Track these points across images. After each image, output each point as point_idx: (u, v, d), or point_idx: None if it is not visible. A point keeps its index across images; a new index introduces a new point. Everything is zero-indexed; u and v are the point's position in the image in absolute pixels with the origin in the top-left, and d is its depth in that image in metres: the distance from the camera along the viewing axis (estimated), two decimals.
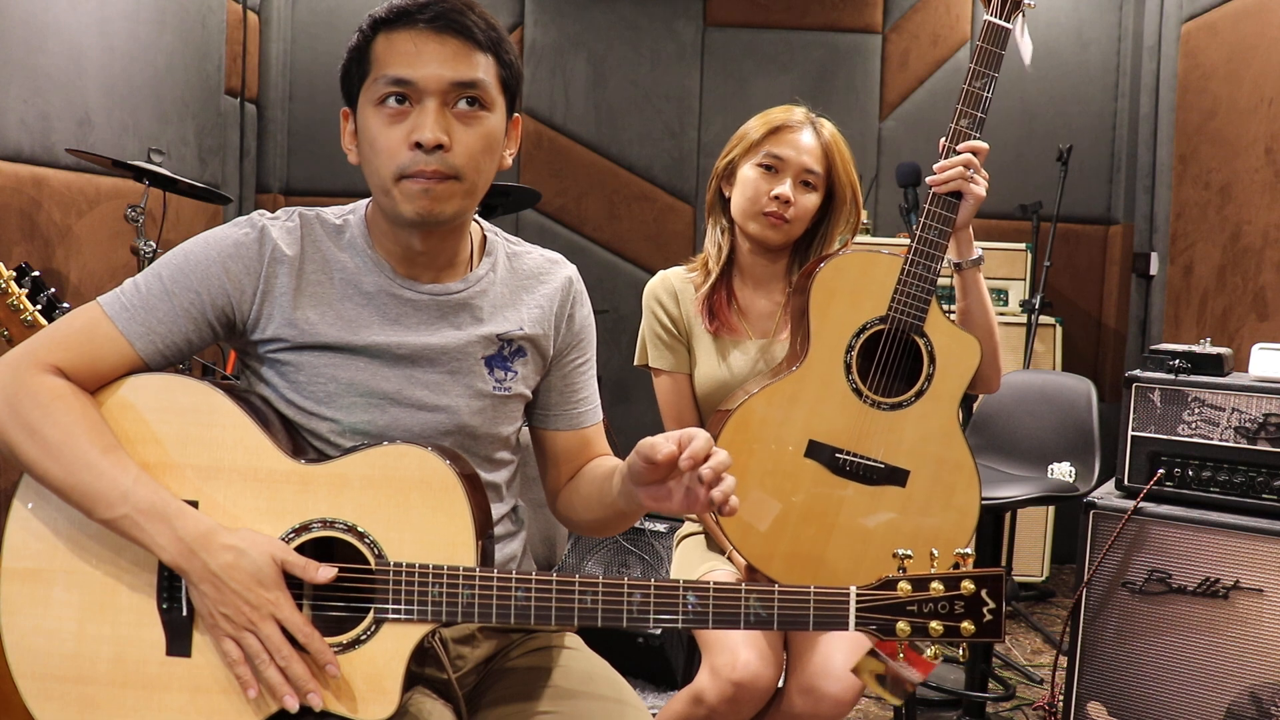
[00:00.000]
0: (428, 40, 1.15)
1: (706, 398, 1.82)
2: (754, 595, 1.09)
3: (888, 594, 1.07)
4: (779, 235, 1.77)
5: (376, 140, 1.17)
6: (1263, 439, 1.94)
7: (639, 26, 4.09)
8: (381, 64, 1.16)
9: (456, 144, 1.16)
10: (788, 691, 1.57)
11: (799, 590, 1.08)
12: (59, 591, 1.12)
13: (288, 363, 1.21)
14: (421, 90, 1.15)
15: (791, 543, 1.59)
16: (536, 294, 1.34)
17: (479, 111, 1.18)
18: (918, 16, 4.04)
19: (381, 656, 1.11)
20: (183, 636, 1.12)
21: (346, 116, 1.25)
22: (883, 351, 1.61)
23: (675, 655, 2.60)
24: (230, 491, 1.13)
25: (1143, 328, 3.88)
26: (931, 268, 1.60)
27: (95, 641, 1.12)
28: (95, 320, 1.16)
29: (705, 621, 1.10)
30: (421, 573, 1.11)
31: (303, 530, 1.12)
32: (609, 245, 4.15)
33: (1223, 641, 1.92)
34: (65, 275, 2.76)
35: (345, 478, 1.13)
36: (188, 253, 1.19)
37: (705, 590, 1.09)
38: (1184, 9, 3.59)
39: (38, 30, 2.63)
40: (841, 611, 1.08)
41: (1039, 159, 3.85)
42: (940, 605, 1.07)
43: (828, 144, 1.77)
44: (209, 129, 3.60)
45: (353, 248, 1.25)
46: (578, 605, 1.10)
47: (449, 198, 1.17)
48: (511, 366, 1.30)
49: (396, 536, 1.12)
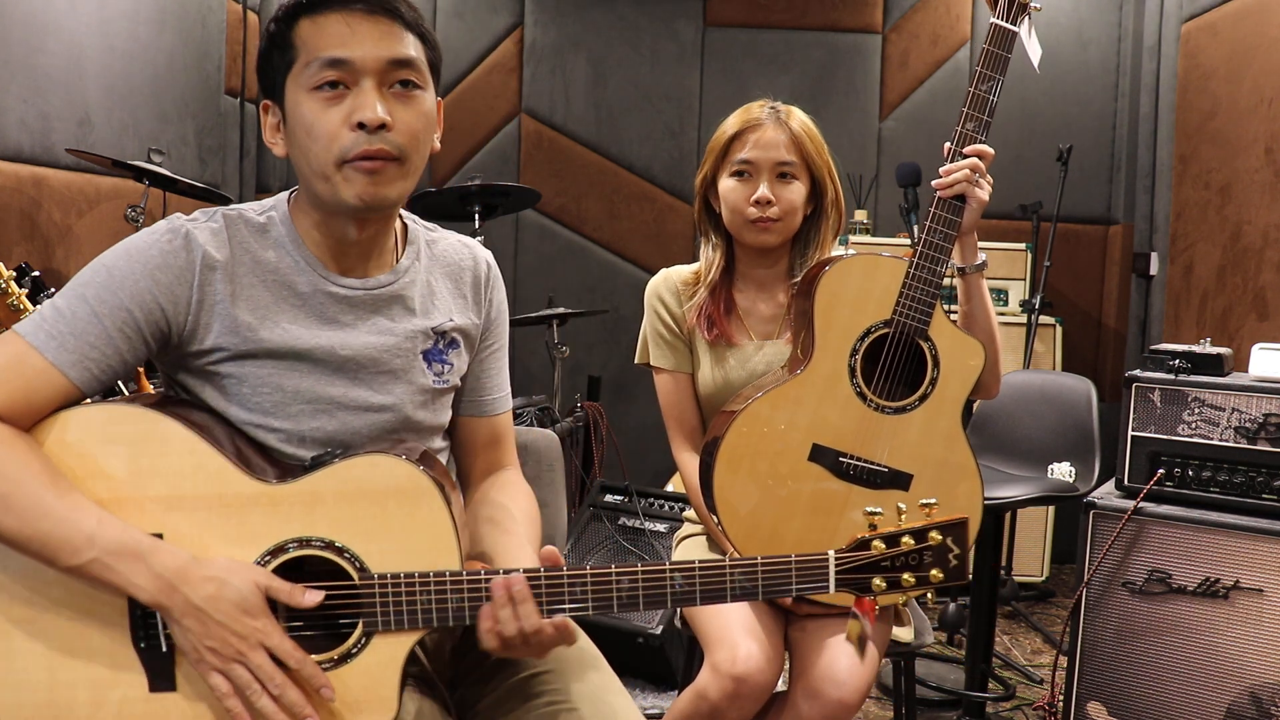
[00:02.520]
0: (360, 20, 1.13)
1: (708, 399, 1.82)
2: (738, 569, 1.12)
3: (863, 554, 1.13)
4: (774, 237, 1.76)
5: (314, 126, 1.13)
6: (1263, 439, 1.94)
7: (639, 26, 4.09)
8: (311, 48, 1.13)
9: (398, 123, 1.14)
10: (793, 697, 1.57)
11: (780, 559, 1.12)
12: (20, 642, 1.07)
13: (228, 374, 1.17)
14: (359, 70, 1.13)
15: (794, 545, 1.59)
16: (461, 280, 1.34)
17: (414, 91, 1.17)
18: (918, 16, 4.04)
19: (375, 667, 1.10)
20: (165, 671, 1.08)
21: (267, 109, 1.21)
22: (887, 355, 1.61)
23: (675, 655, 2.60)
24: (195, 520, 1.08)
25: (1143, 328, 3.88)
26: (936, 271, 1.59)
27: (69, 688, 1.07)
28: (20, 353, 1.08)
29: (693, 598, 1.12)
30: (409, 582, 1.09)
31: (278, 552, 1.09)
32: (609, 245, 4.15)
33: (1223, 641, 1.92)
34: (65, 275, 2.76)
35: (317, 494, 1.10)
36: (110, 268, 1.12)
37: (691, 569, 1.12)
38: (1184, 9, 3.59)
39: (38, 30, 2.63)
40: (822, 574, 1.13)
41: (1039, 159, 3.85)
42: (911, 558, 1.13)
43: (795, 132, 1.75)
44: (209, 129, 3.60)
45: (280, 246, 1.21)
46: (568, 597, 1.10)
47: (392, 181, 1.16)
48: (447, 359, 1.30)
49: (377, 548, 1.10)
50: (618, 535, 2.80)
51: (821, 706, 1.53)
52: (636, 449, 3.85)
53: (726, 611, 1.60)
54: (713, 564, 1.12)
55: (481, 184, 3.17)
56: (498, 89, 4.09)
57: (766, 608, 1.65)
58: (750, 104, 1.81)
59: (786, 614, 1.67)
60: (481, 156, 4.08)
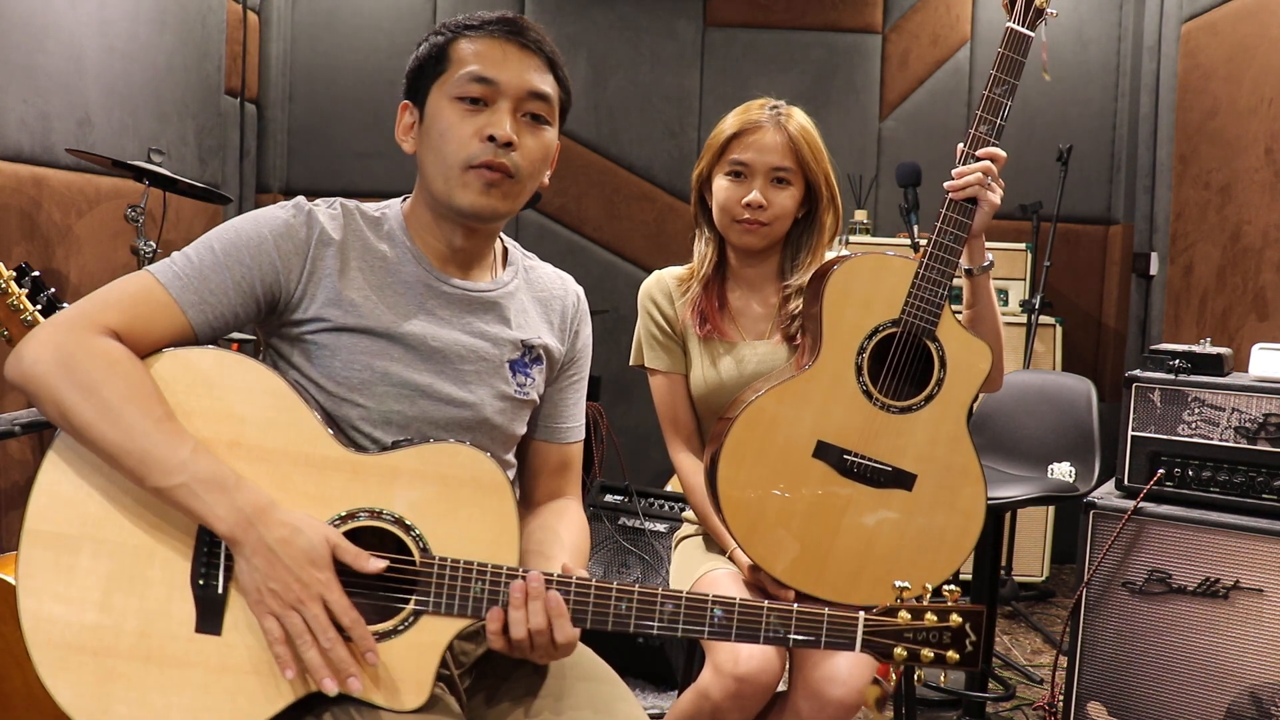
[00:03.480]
0: (513, 49, 1.25)
1: (701, 399, 1.82)
2: (774, 613, 1.18)
3: (890, 622, 1.20)
4: (759, 240, 1.77)
5: (449, 130, 1.23)
6: (1263, 439, 1.94)
7: (639, 26, 4.09)
8: (464, 62, 1.24)
9: (522, 146, 1.24)
10: (793, 698, 1.57)
11: (814, 611, 1.19)
12: (85, 560, 1.09)
13: (324, 345, 1.22)
14: (501, 91, 1.23)
15: (797, 542, 1.59)
16: (550, 308, 1.41)
17: (542, 125, 1.28)
18: (918, 16, 4.04)
19: (417, 648, 1.12)
20: (215, 614, 1.10)
21: (405, 109, 1.30)
22: (894, 354, 1.61)
23: (675, 655, 2.60)
24: (279, 472, 1.12)
25: (1143, 328, 3.88)
26: (946, 272, 1.59)
27: (120, 614, 1.09)
28: (148, 287, 1.15)
29: (729, 634, 1.17)
30: (466, 569, 1.12)
31: (349, 518, 1.13)
32: (609, 245, 4.15)
33: (1223, 641, 1.92)
34: (65, 275, 2.76)
35: (396, 470, 1.14)
36: (239, 229, 1.20)
37: (731, 606, 1.17)
38: (1184, 9, 3.59)
39: (38, 30, 2.63)
40: (850, 633, 1.19)
41: (1039, 159, 3.85)
42: (932, 634, 1.20)
43: (794, 136, 1.75)
44: (209, 129, 3.60)
45: (391, 239, 1.29)
46: (613, 611, 1.15)
47: (505, 196, 1.25)
48: (530, 373, 1.36)
49: (443, 532, 1.14)
50: (618, 535, 2.80)
51: (821, 708, 1.53)
52: (636, 449, 3.85)
53: None
54: (753, 606, 1.18)
55: None
56: None
57: None
58: (751, 103, 1.81)
59: None
60: None
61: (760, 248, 1.79)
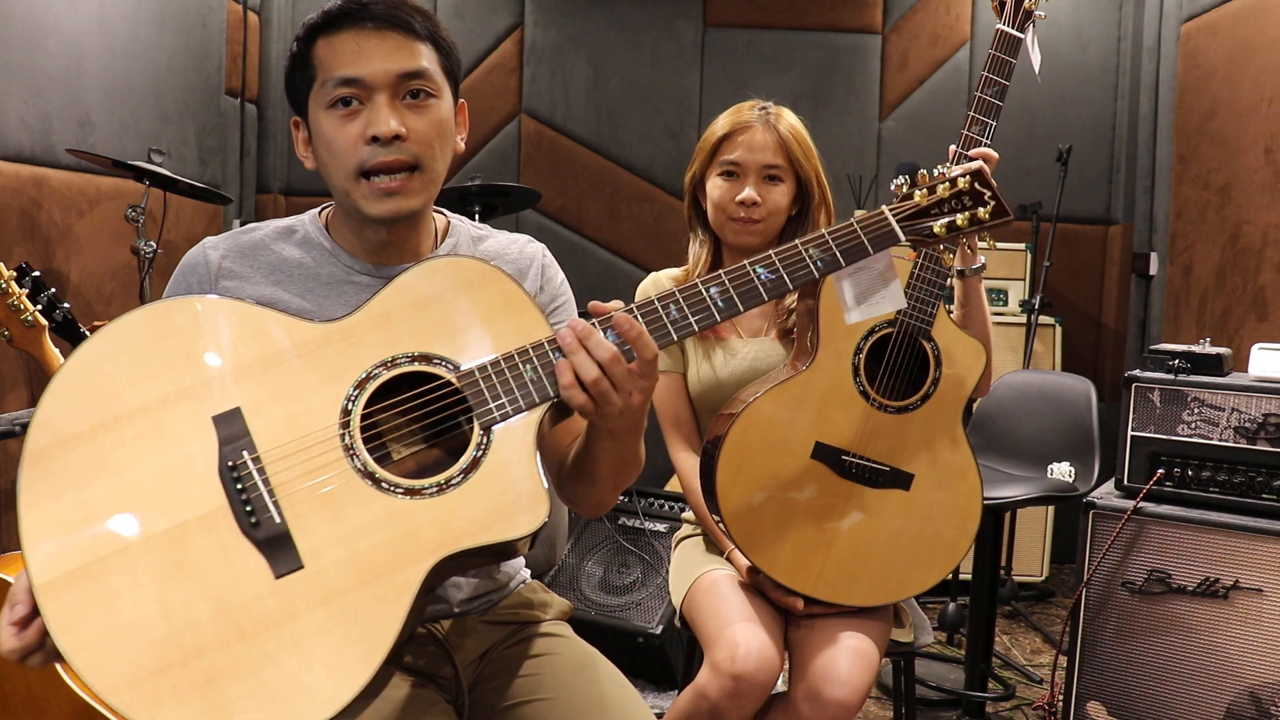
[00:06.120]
0: (368, 37, 1.18)
1: (699, 398, 1.83)
2: (810, 245, 1.15)
3: (910, 204, 1.18)
4: (754, 237, 1.79)
5: (333, 142, 1.19)
6: (1262, 439, 1.94)
7: (639, 26, 4.09)
8: (326, 67, 1.19)
9: (412, 133, 1.18)
10: (793, 698, 1.57)
11: (844, 227, 1.16)
12: (116, 577, 0.94)
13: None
14: (370, 86, 1.17)
15: (795, 544, 1.59)
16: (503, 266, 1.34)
17: (427, 100, 1.21)
18: (917, 17, 4.04)
19: (510, 463, 1.04)
20: (286, 549, 0.98)
21: (297, 125, 1.27)
22: (891, 354, 1.62)
23: (675, 654, 2.60)
24: (270, 381, 1.05)
25: (1142, 328, 3.88)
26: (940, 272, 1.61)
27: (186, 607, 0.94)
28: None
29: (783, 286, 1.14)
30: (508, 361, 1.07)
31: (367, 381, 1.06)
32: (609, 245, 4.15)
33: (1223, 641, 1.92)
34: (65, 275, 2.76)
35: (387, 314, 1.10)
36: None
37: (771, 260, 1.14)
38: (1184, 9, 3.59)
39: (38, 30, 2.63)
40: (887, 228, 1.17)
41: (1039, 159, 3.85)
42: (953, 202, 1.19)
43: (784, 135, 1.78)
44: (209, 129, 3.60)
45: (306, 244, 1.28)
46: (669, 318, 1.10)
47: (413, 192, 1.20)
48: None
49: (464, 343, 1.09)
50: (618, 535, 2.80)
51: (821, 707, 1.53)
52: None
53: (726, 610, 1.60)
54: (788, 248, 1.15)
55: (481, 184, 3.17)
56: (498, 89, 4.09)
57: (767, 607, 1.65)
58: (741, 104, 1.84)
59: (786, 614, 1.67)
60: (481, 157, 4.08)
61: (757, 245, 1.80)
